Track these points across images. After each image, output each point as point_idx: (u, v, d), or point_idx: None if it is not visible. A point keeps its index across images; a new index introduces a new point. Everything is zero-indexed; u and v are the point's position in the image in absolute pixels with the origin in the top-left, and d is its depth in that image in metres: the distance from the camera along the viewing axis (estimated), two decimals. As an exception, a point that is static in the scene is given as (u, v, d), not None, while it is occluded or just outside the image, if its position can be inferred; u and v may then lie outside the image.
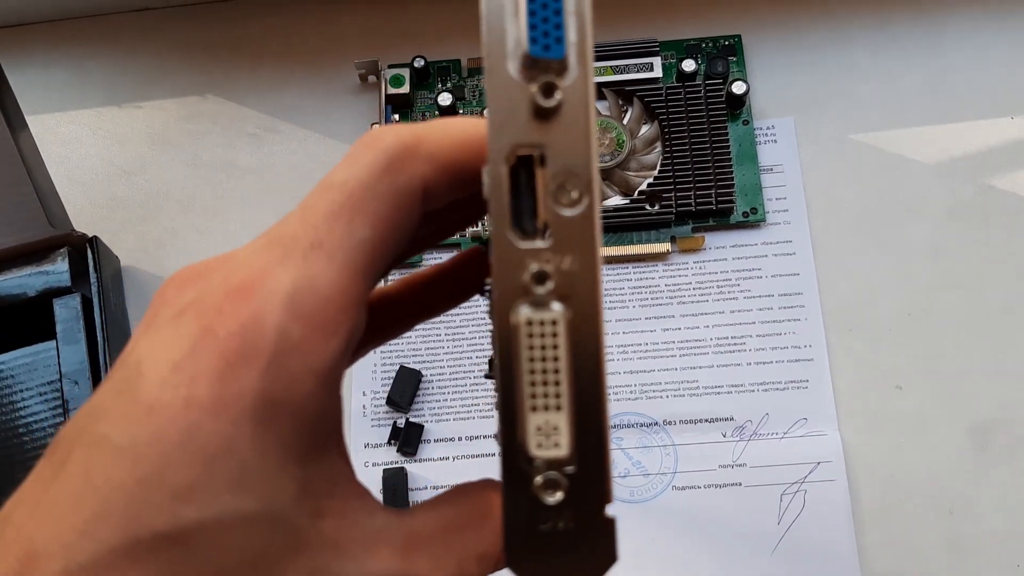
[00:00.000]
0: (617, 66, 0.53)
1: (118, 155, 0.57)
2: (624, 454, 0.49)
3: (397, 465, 0.49)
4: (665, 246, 0.51)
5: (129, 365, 0.19)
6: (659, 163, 0.52)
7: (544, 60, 0.18)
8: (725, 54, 0.54)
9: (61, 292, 0.50)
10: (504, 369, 0.18)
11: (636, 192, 0.52)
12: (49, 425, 0.49)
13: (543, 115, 0.18)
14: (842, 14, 0.55)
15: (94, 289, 0.50)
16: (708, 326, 0.51)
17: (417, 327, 0.31)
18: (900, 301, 0.50)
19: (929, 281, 0.50)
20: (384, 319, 0.26)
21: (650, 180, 0.52)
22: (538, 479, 0.18)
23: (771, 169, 0.53)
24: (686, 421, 0.49)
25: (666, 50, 0.54)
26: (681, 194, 0.51)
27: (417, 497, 0.49)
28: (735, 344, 0.50)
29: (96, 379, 0.49)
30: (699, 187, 0.51)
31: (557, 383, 0.18)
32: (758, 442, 0.49)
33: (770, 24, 0.55)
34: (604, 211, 0.51)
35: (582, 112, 0.19)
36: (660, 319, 0.51)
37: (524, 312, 0.18)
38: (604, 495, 0.18)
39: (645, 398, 0.50)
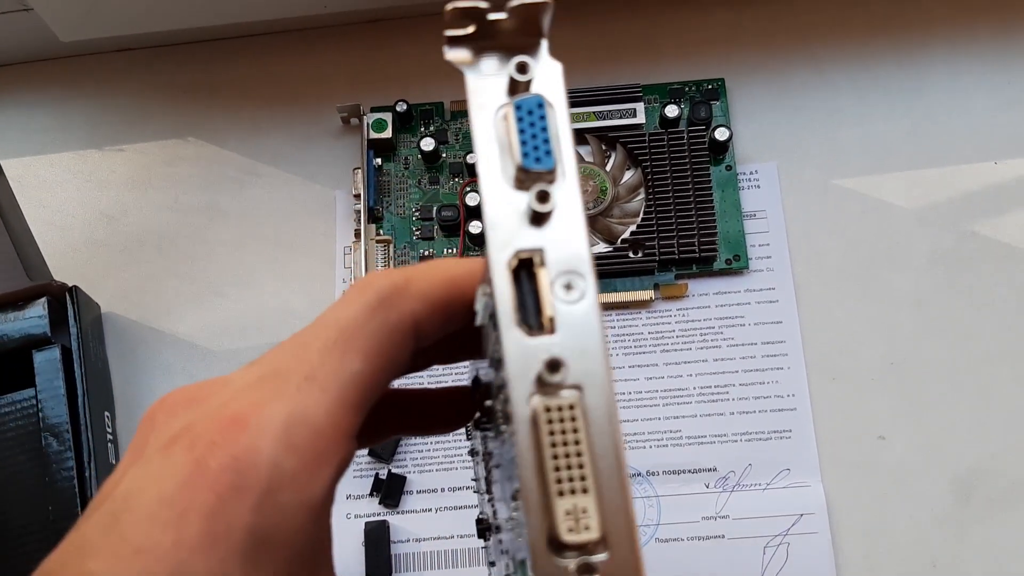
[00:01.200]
0: (600, 112, 0.53)
1: (99, 199, 0.56)
2: (607, 505, 0.49)
3: (379, 517, 0.49)
4: (648, 294, 0.51)
5: (117, 498, 0.19)
6: (642, 210, 0.52)
7: (536, 171, 0.20)
8: (708, 98, 0.54)
9: (40, 343, 0.50)
10: (525, 460, 0.19)
11: (619, 240, 0.52)
12: (29, 479, 0.49)
13: (539, 220, 0.20)
14: (825, 58, 0.55)
15: (74, 340, 0.50)
16: (691, 375, 0.50)
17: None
18: (883, 350, 0.50)
19: (912, 330, 0.50)
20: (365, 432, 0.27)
21: (633, 228, 0.52)
22: (571, 565, 0.18)
23: (754, 215, 0.53)
24: (669, 472, 0.49)
25: (649, 94, 0.54)
26: (664, 241, 0.51)
27: (398, 551, 0.48)
28: (718, 393, 0.50)
29: (76, 433, 0.49)
30: (682, 234, 0.51)
31: (581, 466, 0.18)
32: (741, 493, 0.48)
33: (753, 67, 0.55)
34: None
35: (576, 213, 0.20)
36: (643, 367, 0.51)
37: (542, 401, 0.19)
38: (639, 569, 0.19)
39: (629, 448, 0.50)
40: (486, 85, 0.21)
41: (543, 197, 0.20)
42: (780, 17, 0.56)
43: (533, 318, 0.19)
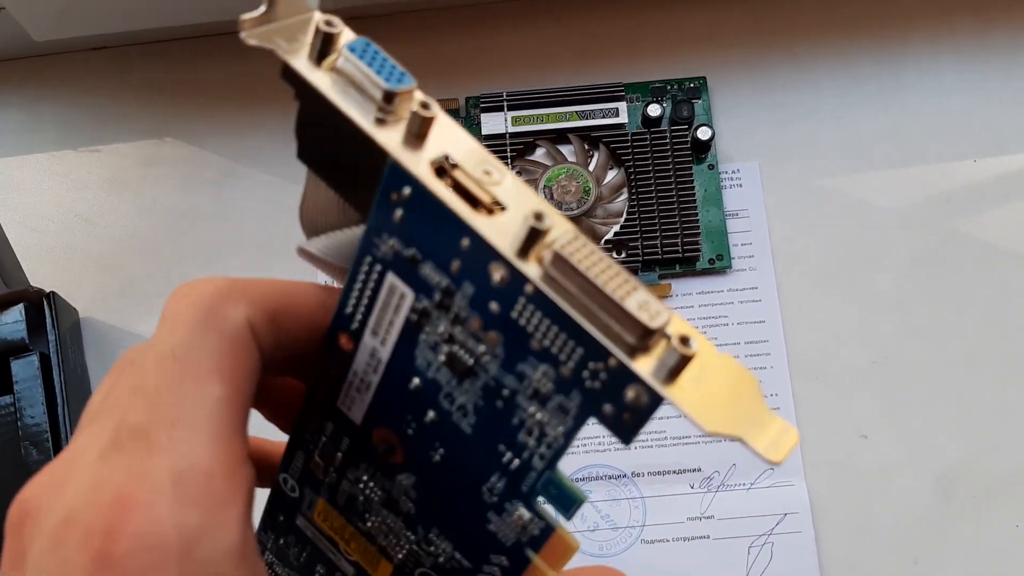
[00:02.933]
0: (582, 111, 0.53)
1: (75, 201, 0.55)
2: (593, 507, 0.49)
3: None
4: (632, 294, 0.51)
5: None
6: (625, 210, 0.52)
7: (402, 90, 0.20)
8: (690, 97, 0.54)
9: (17, 350, 0.49)
10: (573, 297, 0.19)
11: (603, 240, 0.52)
12: (8, 489, 0.48)
13: (423, 132, 0.20)
14: (806, 56, 0.55)
15: (52, 347, 0.49)
16: (675, 375, 0.51)
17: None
18: (864, 349, 0.50)
19: (893, 329, 0.51)
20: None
21: (616, 228, 0.52)
22: (673, 341, 0.19)
23: (736, 214, 0.53)
24: (654, 472, 0.49)
25: (631, 92, 0.54)
26: (647, 241, 0.51)
27: None
28: (702, 393, 0.50)
29: (56, 441, 0.48)
30: (665, 234, 0.51)
31: (618, 272, 0.19)
32: (725, 493, 0.49)
33: (735, 66, 0.55)
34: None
35: (445, 118, 0.21)
36: (627, 368, 0.51)
37: (553, 248, 0.19)
38: (705, 341, 0.20)
39: (613, 449, 0.50)
40: (300, 54, 0.21)
41: (427, 105, 0.20)
42: (761, 15, 0.56)
43: (479, 208, 0.20)
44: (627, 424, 0.20)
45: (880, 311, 0.51)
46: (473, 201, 0.20)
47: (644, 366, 0.19)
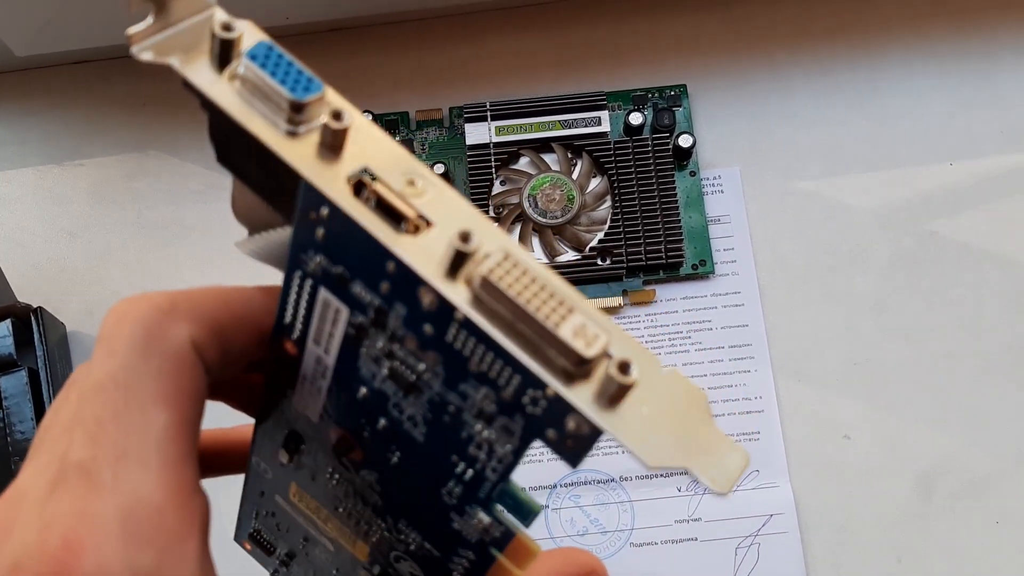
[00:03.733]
0: (565, 120, 0.54)
1: (59, 216, 0.55)
2: (582, 511, 0.49)
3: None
4: (617, 300, 0.52)
5: None
6: (609, 217, 0.53)
7: (309, 99, 0.19)
8: (671, 104, 0.55)
9: (6, 366, 0.49)
10: (501, 324, 0.18)
11: (587, 247, 0.52)
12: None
13: (338, 144, 0.19)
14: (783, 63, 0.56)
15: (40, 362, 0.50)
16: (661, 379, 0.51)
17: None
18: (846, 350, 0.51)
19: (874, 330, 0.52)
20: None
21: (600, 235, 0.52)
22: (611, 371, 0.18)
23: (718, 220, 0.53)
24: (642, 476, 0.50)
25: (613, 100, 0.55)
26: (631, 248, 0.52)
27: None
28: (688, 397, 0.51)
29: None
30: (649, 240, 0.52)
31: (552, 294, 0.18)
32: (712, 496, 0.49)
33: (714, 73, 0.56)
34: (557, 267, 0.52)
35: (363, 122, 0.20)
36: (614, 373, 0.51)
37: (480, 272, 0.18)
38: (652, 358, 0.19)
39: (601, 454, 0.50)
40: (198, 65, 0.20)
41: (338, 115, 0.19)
42: (740, 24, 0.56)
43: (403, 226, 0.19)
44: (571, 450, 0.19)
45: (860, 312, 0.52)
46: (396, 218, 0.19)
47: (581, 396, 0.18)
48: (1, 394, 0.49)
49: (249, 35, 0.20)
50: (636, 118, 0.53)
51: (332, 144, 0.19)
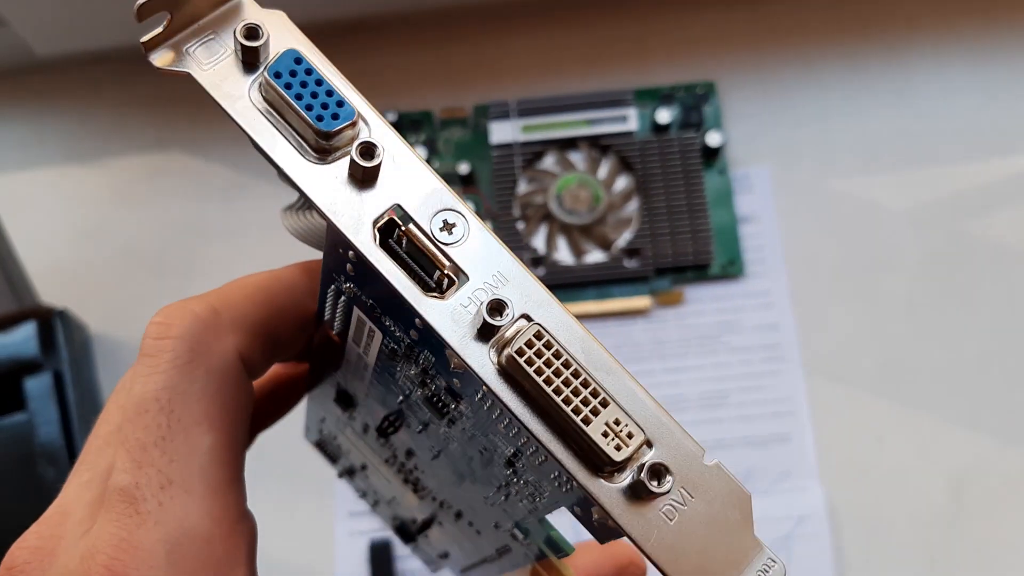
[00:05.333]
0: (592, 118, 0.53)
1: (82, 216, 0.55)
2: (610, 515, 0.49)
3: (381, 534, 0.49)
4: (645, 301, 0.51)
5: None
6: (636, 217, 0.52)
7: (339, 128, 0.17)
8: (699, 102, 0.54)
9: (30, 368, 0.49)
10: (524, 415, 0.17)
11: (614, 247, 0.52)
12: (22, 508, 0.48)
13: (371, 177, 0.17)
14: (814, 59, 0.55)
15: (65, 365, 0.49)
16: (690, 381, 0.51)
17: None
18: (878, 351, 0.51)
19: (906, 330, 0.51)
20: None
21: (628, 235, 0.52)
22: (642, 477, 0.16)
23: (748, 219, 0.53)
24: (671, 479, 0.49)
25: (640, 98, 0.54)
26: (659, 248, 0.51)
27: (405, 567, 0.48)
28: (717, 399, 0.50)
29: (72, 458, 0.48)
30: (677, 240, 0.51)
31: (587, 384, 0.17)
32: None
33: (743, 70, 0.55)
34: (584, 267, 0.51)
35: (403, 150, 0.18)
36: (642, 375, 0.51)
37: (508, 350, 0.17)
38: (695, 452, 0.17)
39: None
40: (220, 73, 0.18)
41: (368, 150, 0.17)
42: (770, 19, 0.56)
43: (433, 279, 0.17)
44: (598, 531, 0.18)
45: (893, 313, 0.51)
46: (428, 267, 0.17)
47: (608, 494, 0.17)
48: (26, 396, 0.48)
49: (278, 36, 0.18)
50: (664, 116, 0.53)
51: (362, 179, 0.17)
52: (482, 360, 0.17)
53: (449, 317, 0.17)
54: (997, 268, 0.51)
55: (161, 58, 0.18)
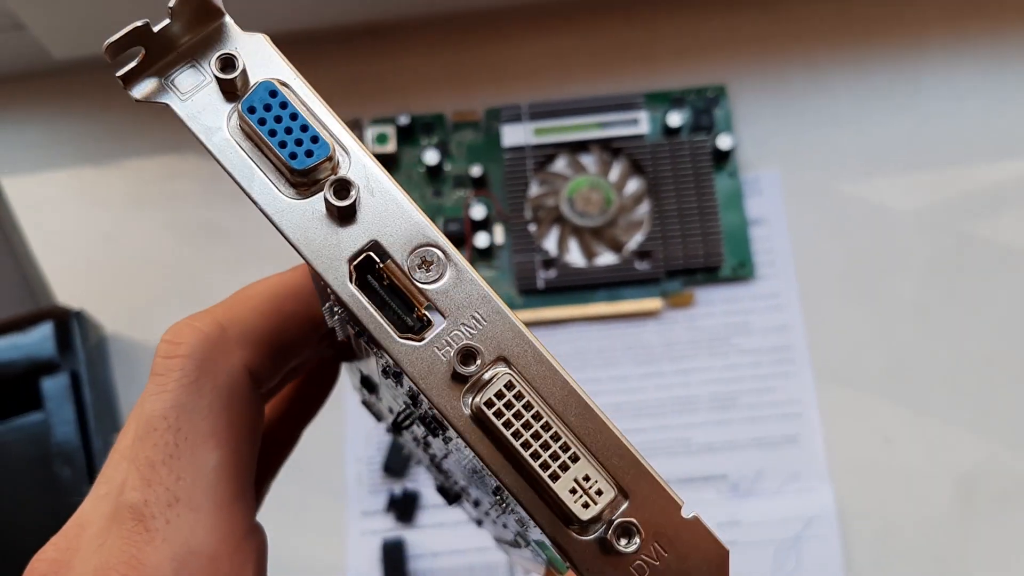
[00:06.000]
0: (603, 121, 0.53)
1: (96, 218, 0.56)
2: (621, 515, 0.49)
3: (394, 533, 0.49)
4: (656, 303, 0.52)
5: None
6: (647, 219, 0.52)
7: (313, 167, 0.17)
8: (710, 105, 0.54)
9: (47, 368, 0.49)
10: (496, 464, 0.17)
11: (625, 250, 0.52)
12: (39, 507, 0.49)
13: (349, 214, 0.17)
14: (824, 63, 0.55)
15: (82, 365, 0.50)
16: (700, 382, 0.51)
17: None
18: (886, 353, 0.51)
19: (914, 333, 0.51)
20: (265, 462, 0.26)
21: (639, 237, 0.52)
22: (609, 536, 0.16)
23: (758, 221, 0.53)
24: (680, 480, 0.50)
25: (651, 101, 0.54)
26: (670, 250, 0.52)
27: (417, 566, 0.49)
28: (727, 400, 0.51)
29: (89, 460, 0.48)
30: (688, 243, 0.52)
31: (557, 437, 0.16)
32: (752, 499, 0.49)
33: (753, 73, 0.55)
34: (596, 269, 0.52)
35: (384, 183, 0.17)
36: (652, 376, 0.51)
37: (477, 399, 0.16)
38: (673, 505, 0.17)
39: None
40: (198, 104, 0.18)
41: (342, 189, 0.17)
42: (779, 23, 0.56)
43: (411, 318, 0.17)
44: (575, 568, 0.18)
45: (901, 315, 0.51)
46: (405, 305, 0.17)
47: (577, 549, 0.17)
48: (43, 396, 0.49)
49: (257, 63, 0.18)
50: (675, 119, 0.53)
51: (339, 215, 0.17)
52: (455, 406, 0.17)
53: (423, 362, 0.17)
54: (1005, 270, 0.52)
55: (140, 90, 0.18)
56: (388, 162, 0.54)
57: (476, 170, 0.53)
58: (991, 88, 0.55)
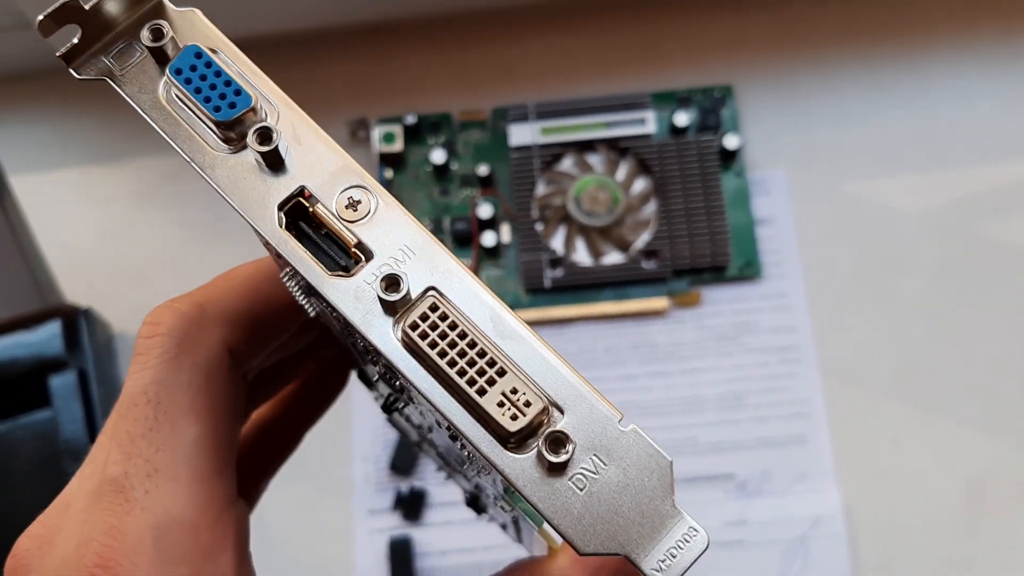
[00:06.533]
0: (610, 121, 0.53)
1: (104, 216, 0.56)
2: (628, 514, 0.49)
3: (401, 531, 0.49)
4: (663, 302, 0.52)
5: None
6: (654, 219, 0.52)
7: (237, 117, 0.18)
8: (717, 105, 0.54)
9: (55, 365, 0.50)
10: (427, 387, 0.17)
11: (632, 249, 0.52)
12: (48, 504, 0.49)
13: (275, 161, 0.18)
14: (831, 63, 0.55)
15: (90, 363, 0.50)
16: (707, 382, 0.51)
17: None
18: (894, 354, 0.51)
19: (922, 333, 0.51)
20: (261, 462, 0.26)
21: (646, 236, 0.52)
22: (541, 448, 0.16)
23: (765, 221, 0.53)
24: (688, 479, 0.50)
25: (657, 101, 0.54)
26: (677, 250, 0.52)
27: (424, 564, 0.49)
28: (734, 400, 0.51)
29: (96, 457, 0.48)
30: (695, 242, 0.52)
31: (483, 353, 0.16)
32: (759, 499, 0.49)
33: (760, 73, 0.55)
34: (603, 268, 0.52)
35: (306, 129, 0.18)
36: (659, 375, 0.51)
37: (403, 324, 0.17)
38: (610, 416, 0.17)
39: (645, 456, 0.50)
40: (133, 76, 0.19)
41: (264, 135, 0.18)
42: (786, 23, 0.56)
43: (343, 258, 0.18)
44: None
45: (908, 315, 0.51)
46: (336, 247, 0.18)
47: (514, 467, 0.16)
48: (51, 393, 0.49)
49: (187, 34, 0.18)
50: (681, 119, 0.53)
51: (269, 164, 0.18)
52: (385, 335, 0.17)
53: (352, 295, 0.17)
54: (1013, 271, 0.52)
55: (80, 68, 0.19)
56: (395, 161, 0.54)
57: (483, 169, 0.53)
58: (1000, 88, 0.55)
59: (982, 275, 0.52)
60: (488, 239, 0.52)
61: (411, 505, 0.49)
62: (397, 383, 0.20)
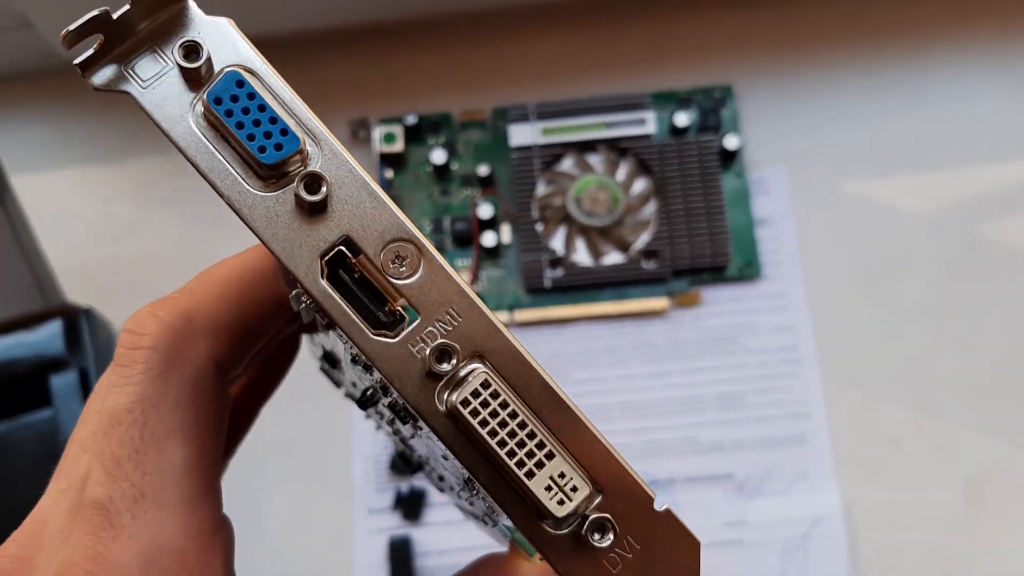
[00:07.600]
0: (610, 121, 0.53)
1: (105, 216, 0.56)
2: (628, 514, 0.49)
3: (401, 531, 0.49)
4: (663, 302, 0.52)
5: None
6: (654, 219, 0.52)
7: (282, 161, 0.17)
8: (717, 105, 0.54)
9: (56, 365, 0.50)
10: (472, 462, 0.16)
11: (632, 249, 0.52)
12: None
13: (320, 208, 0.17)
14: (831, 63, 0.55)
15: (90, 363, 0.50)
16: (707, 382, 0.51)
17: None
18: (894, 354, 0.51)
19: (922, 334, 0.51)
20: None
21: (646, 237, 0.52)
22: (584, 532, 0.16)
23: (765, 221, 0.53)
24: (688, 479, 0.50)
25: (658, 101, 0.54)
26: (677, 250, 0.52)
27: (424, 564, 0.49)
28: (734, 400, 0.51)
29: (96, 456, 0.48)
30: (694, 242, 0.52)
31: (532, 435, 0.16)
32: (758, 499, 0.49)
33: (761, 73, 0.55)
34: (602, 269, 0.52)
35: (356, 175, 0.17)
36: (659, 376, 0.51)
37: (453, 397, 0.16)
38: (646, 498, 0.17)
39: (647, 457, 0.50)
40: (160, 92, 0.17)
41: (313, 183, 0.17)
42: (786, 23, 0.56)
43: (384, 314, 0.17)
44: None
45: (909, 316, 0.51)
46: (378, 302, 0.17)
47: (551, 544, 0.17)
48: (52, 393, 0.49)
49: (222, 50, 0.17)
50: (682, 119, 0.53)
51: (310, 209, 0.17)
52: (429, 403, 0.16)
53: (396, 359, 0.16)
54: (1013, 272, 0.52)
55: (99, 78, 0.17)
56: (395, 161, 0.54)
57: (483, 169, 0.53)
58: (1000, 88, 0.55)
59: (982, 275, 0.52)
60: (488, 239, 0.52)
61: (411, 505, 0.49)
62: (399, 406, 0.19)
